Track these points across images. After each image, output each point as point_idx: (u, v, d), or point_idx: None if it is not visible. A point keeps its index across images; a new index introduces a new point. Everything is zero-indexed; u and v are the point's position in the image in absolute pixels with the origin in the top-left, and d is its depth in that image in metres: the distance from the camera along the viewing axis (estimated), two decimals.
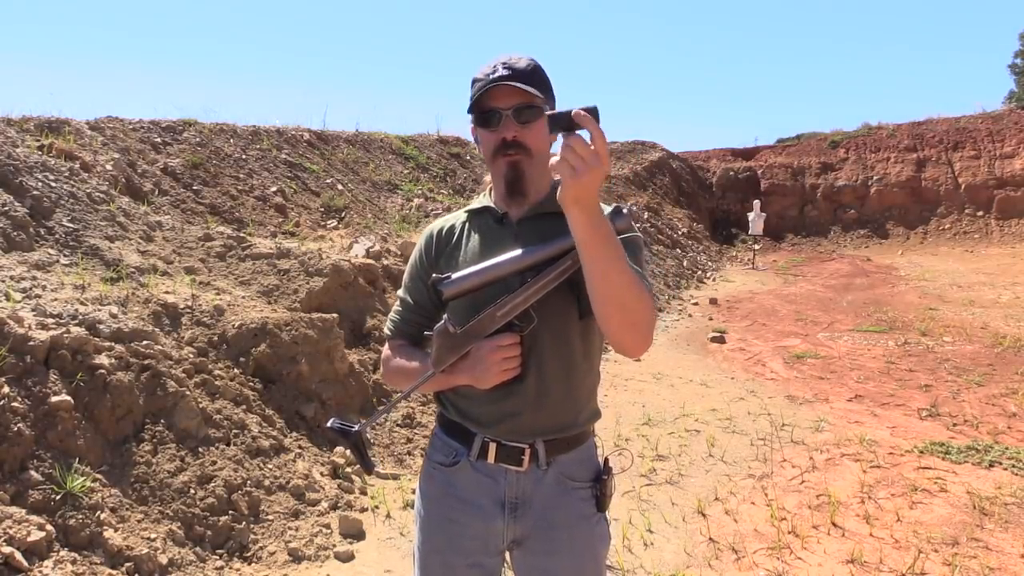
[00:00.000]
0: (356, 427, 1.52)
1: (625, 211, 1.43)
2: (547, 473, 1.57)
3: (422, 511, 1.65)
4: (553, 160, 1.26)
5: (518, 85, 1.43)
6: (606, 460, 1.65)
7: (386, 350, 1.70)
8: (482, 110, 1.47)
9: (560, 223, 1.38)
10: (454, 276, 1.45)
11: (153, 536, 2.94)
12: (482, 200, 1.63)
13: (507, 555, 1.66)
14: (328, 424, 1.53)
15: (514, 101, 1.45)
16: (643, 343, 1.39)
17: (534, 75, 1.47)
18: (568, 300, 1.49)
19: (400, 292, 1.71)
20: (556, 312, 1.50)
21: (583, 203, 1.24)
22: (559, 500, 1.57)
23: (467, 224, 1.62)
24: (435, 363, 1.48)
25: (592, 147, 1.21)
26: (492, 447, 1.55)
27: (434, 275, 1.48)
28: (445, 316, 1.48)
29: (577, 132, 1.23)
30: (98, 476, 3.01)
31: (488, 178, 1.70)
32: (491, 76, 1.45)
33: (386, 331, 1.72)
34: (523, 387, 1.51)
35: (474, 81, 1.50)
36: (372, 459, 1.66)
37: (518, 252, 1.44)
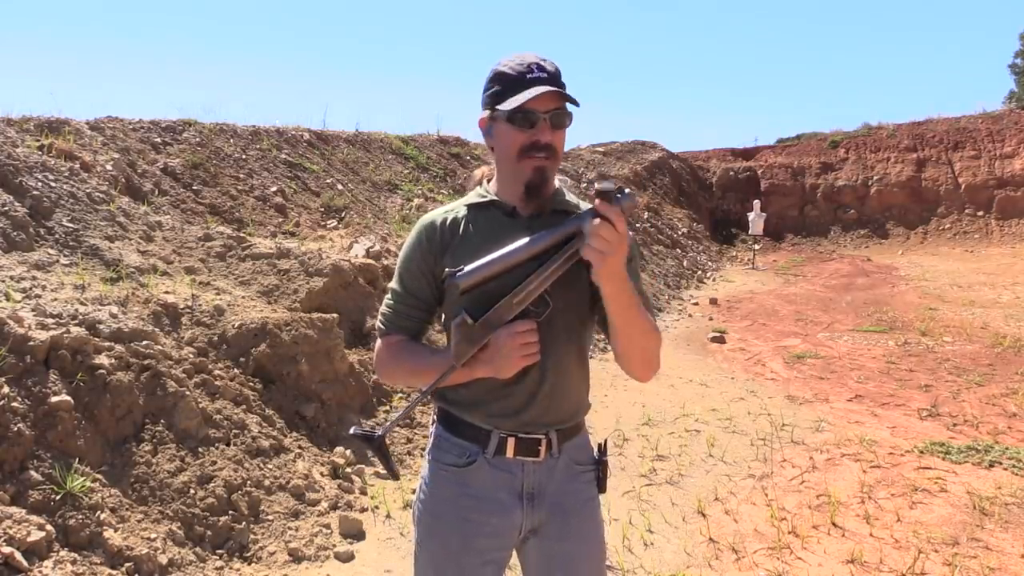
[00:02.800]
0: (379, 432, 1.52)
1: (628, 191, 1.40)
2: (559, 461, 1.61)
3: (431, 515, 1.62)
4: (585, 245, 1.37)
5: (561, 92, 1.47)
6: (602, 443, 1.71)
7: (381, 347, 1.64)
8: (518, 109, 1.47)
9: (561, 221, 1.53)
10: (467, 268, 1.46)
11: (153, 536, 2.94)
12: (483, 193, 1.61)
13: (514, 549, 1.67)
14: (350, 431, 1.54)
15: (552, 105, 1.48)
16: (653, 372, 1.58)
17: (561, 79, 1.51)
18: (580, 292, 1.54)
19: (393, 285, 1.64)
20: (569, 303, 1.54)
21: (612, 279, 1.39)
22: (569, 485, 1.62)
23: (470, 218, 1.59)
24: (456, 357, 1.48)
25: (616, 230, 1.33)
26: (510, 442, 1.56)
27: (447, 270, 1.50)
28: (463, 309, 1.47)
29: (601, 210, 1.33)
30: (98, 476, 3.01)
31: (480, 172, 1.69)
32: (528, 77, 1.47)
33: (378, 326, 1.66)
34: (541, 378, 1.55)
35: (501, 75, 1.50)
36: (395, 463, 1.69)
37: (527, 239, 1.46)
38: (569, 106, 1.51)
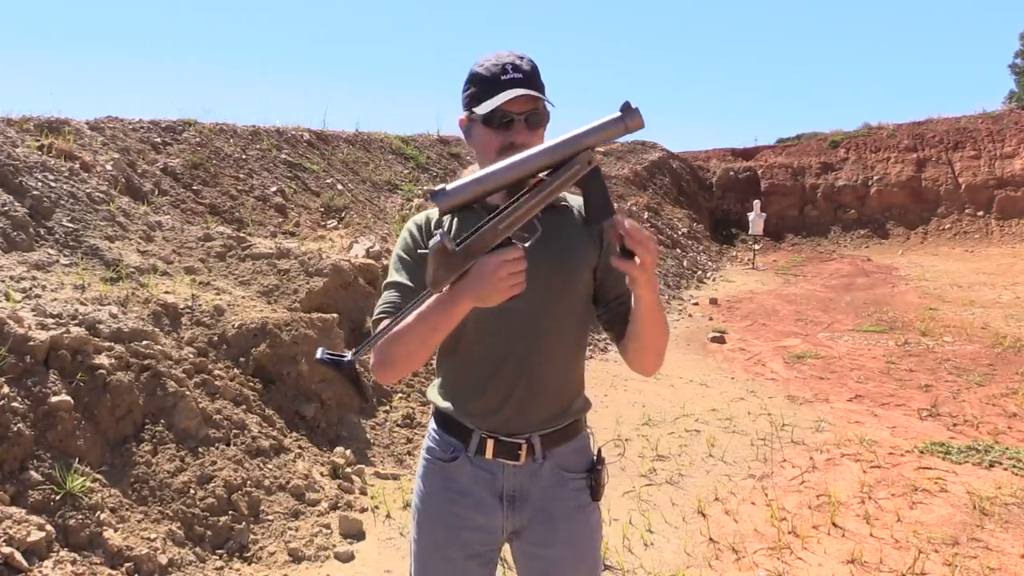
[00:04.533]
0: (349, 356, 1.36)
1: (634, 106, 1.33)
2: (543, 466, 1.59)
3: (420, 506, 1.65)
4: (617, 260, 1.34)
5: (533, 93, 1.45)
6: (599, 451, 1.67)
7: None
8: (493, 112, 1.46)
9: (556, 217, 1.55)
10: (450, 186, 1.32)
11: (153, 536, 2.94)
12: None
13: (506, 546, 1.66)
14: (317, 356, 1.39)
15: (527, 106, 1.47)
16: (660, 365, 1.59)
17: (537, 77, 1.50)
18: (577, 286, 1.53)
19: (391, 278, 1.58)
20: (561, 298, 1.53)
21: (650, 285, 1.39)
22: (556, 492, 1.60)
23: (456, 219, 1.57)
24: (432, 284, 1.33)
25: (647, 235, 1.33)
26: (490, 443, 1.56)
27: (427, 188, 1.41)
28: (439, 232, 1.33)
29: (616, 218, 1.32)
30: (98, 476, 3.01)
31: (469, 172, 1.67)
32: (503, 78, 1.46)
33: (377, 317, 1.54)
34: (517, 376, 1.54)
35: (477, 76, 1.49)
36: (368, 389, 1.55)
37: (520, 157, 1.34)
38: (548, 105, 1.50)
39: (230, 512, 3.29)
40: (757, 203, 18.66)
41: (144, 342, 3.62)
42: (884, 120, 23.03)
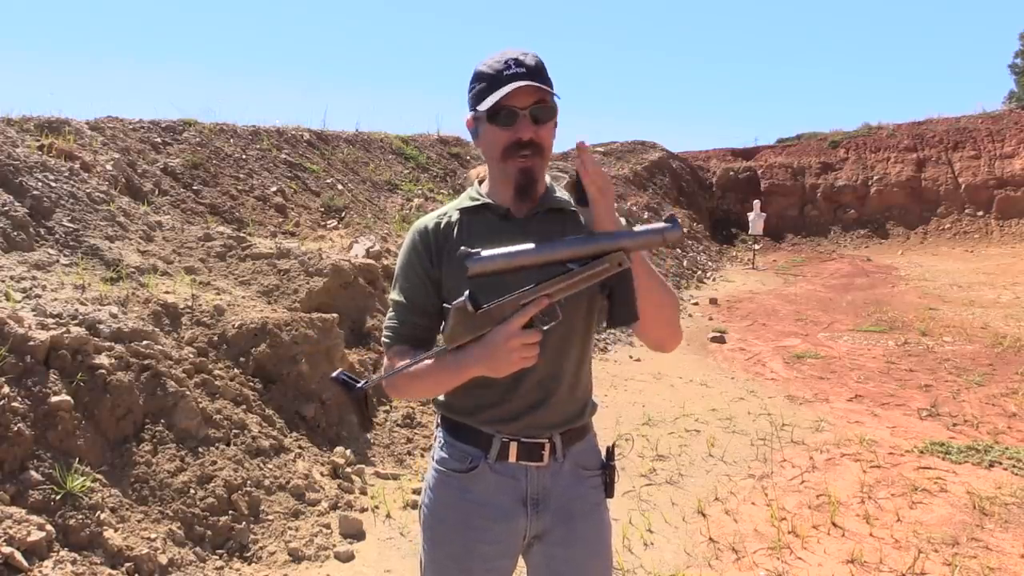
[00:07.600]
0: (362, 383, 1.46)
1: (679, 220, 1.40)
2: (563, 465, 1.59)
3: (434, 519, 1.61)
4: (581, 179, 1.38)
5: (537, 84, 1.42)
6: (610, 447, 1.67)
7: (386, 362, 1.59)
8: (497, 107, 1.44)
9: (565, 220, 1.54)
10: (484, 253, 1.37)
11: (153, 536, 2.94)
12: (474, 196, 1.59)
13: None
14: (333, 375, 1.48)
15: (531, 100, 1.44)
16: (678, 336, 1.56)
17: (543, 72, 1.47)
18: (586, 293, 1.50)
19: (393, 295, 1.60)
20: (574, 302, 1.50)
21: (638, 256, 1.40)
22: (575, 490, 1.60)
23: (464, 221, 1.56)
24: (448, 340, 1.40)
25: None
26: (513, 446, 1.54)
27: (463, 248, 1.40)
28: (467, 292, 1.39)
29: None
30: (98, 476, 3.01)
31: (475, 172, 1.66)
32: (505, 73, 1.43)
33: (384, 341, 1.61)
34: (541, 384, 1.53)
35: (480, 75, 1.47)
36: (370, 418, 1.63)
37: (555, 243, 1.39)
38: (555, 98, 1.47)
39: (230, 512, 3.29)
40: (757, 203, 18.65)
41: (144, 342, 3.62)
42: (884, 120, 23.06)
